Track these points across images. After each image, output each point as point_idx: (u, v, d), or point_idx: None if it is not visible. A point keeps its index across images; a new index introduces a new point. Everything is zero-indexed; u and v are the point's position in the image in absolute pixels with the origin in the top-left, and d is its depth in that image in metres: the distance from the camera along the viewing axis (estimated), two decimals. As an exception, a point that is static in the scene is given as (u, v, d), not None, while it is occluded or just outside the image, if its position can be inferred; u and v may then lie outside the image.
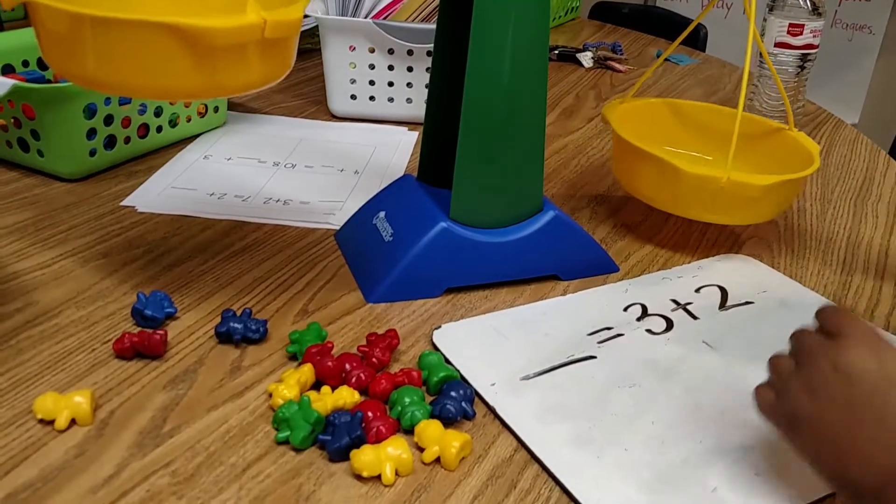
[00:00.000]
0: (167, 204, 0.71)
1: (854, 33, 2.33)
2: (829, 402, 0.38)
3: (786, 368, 0.42)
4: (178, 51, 0.45)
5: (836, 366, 0.38)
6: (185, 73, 0.47)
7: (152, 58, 0.46)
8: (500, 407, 0.48)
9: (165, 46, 0.45)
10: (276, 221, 0.69)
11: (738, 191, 0.62)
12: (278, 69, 0.51)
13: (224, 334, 0.52)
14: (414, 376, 0.48)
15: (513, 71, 0.56)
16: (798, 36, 0.92)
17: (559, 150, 0.91)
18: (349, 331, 0.55)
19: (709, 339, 0.56)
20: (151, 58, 0.46)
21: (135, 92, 0.50)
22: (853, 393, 0.37)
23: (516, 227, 0.62)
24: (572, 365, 0.53)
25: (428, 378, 0.49)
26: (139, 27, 0.45)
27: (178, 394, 0.48)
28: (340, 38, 0.90)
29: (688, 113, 0.79)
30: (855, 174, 0.89)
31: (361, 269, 0.62)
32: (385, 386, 0.47)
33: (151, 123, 0.80)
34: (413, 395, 0.46)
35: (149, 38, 0.45)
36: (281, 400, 0.46)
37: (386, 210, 0.64)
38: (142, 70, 0.47)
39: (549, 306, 0.60)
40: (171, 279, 0.60)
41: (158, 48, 0.45)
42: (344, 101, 0.94)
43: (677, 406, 0.50)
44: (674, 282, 0.64)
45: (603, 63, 1.21)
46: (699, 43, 1.47)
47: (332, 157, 0.84)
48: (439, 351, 0.53)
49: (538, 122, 0.60)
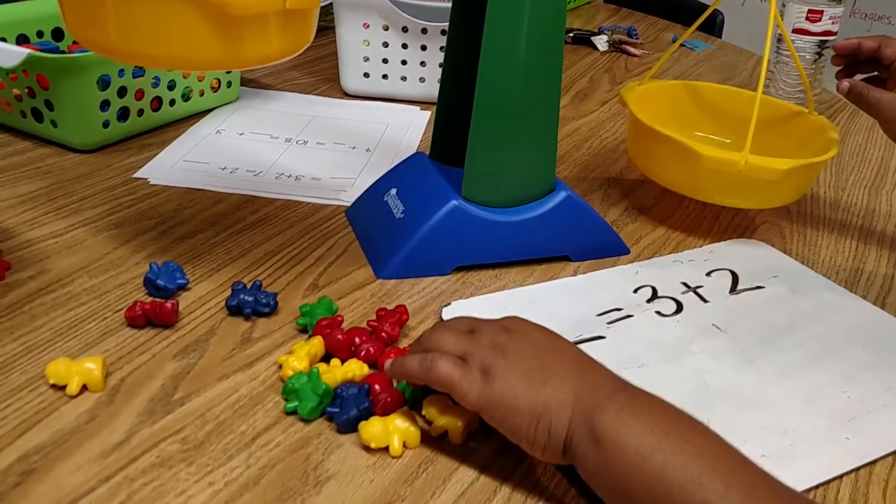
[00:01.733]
0: (179, 177, 0.72)
1: (873, 23, 2.30)
2: (518, 349, 0.42)
3: (451, 340, 0.44)
4: (200, 21, 0.45)
5: (506, 327, 0.44)
6: (206, 44, 0.46)
7: (174, 27, 0.46)
8: (509, 384, 0.48)
9: (187, 16, 0.45)
10: (287, 196, 0.69)
11: (757, 175, 0.61)
12: (298, 41, 0.51)
13: (234, 307, 0.52)
14: None
15: (528, 51, 0.56)
16: (817, 22, 0.91)
17: (572, 132, 0.91)
18: (359, 306, 0.55)
19: (718, 322, 0.56)
20: (173, 27, 0.46)
21: (156, 62, 0.50)
22: (533, 338, 0.44)
23: (528, 207, 0.62)
24: (581, 345, 0.53)
25: (437, 354, 0.49)
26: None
27: (189, 363, 0.49)
28: (355, 15, 0.90)
29: (706, 96, 0.79)
30: (870, 163, 0.89)
31: (372, 246, 0.62)
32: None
33: (164, 97, 0.80)
34: (422, 370, 0.46)
35: (171, 8, 0.45)
36: (291, 371, 0.46)
37: (397, 187, 0.64)
38: (163, 40, 0.47)
39: (560, 286, 0.60)
40: (183, 251, 0.61)
41: (180, 18, 0.45)
42: (357, 78, 0.94)
43: (685, 387, 0.50)
44: (685, 265, 0.64)
45: (618, 47, 1.20)
46: (715, 29, 1.45)
47: (344, 134, 0.84)
48: None
49: (552, 103, 0.59)
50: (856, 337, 0.56)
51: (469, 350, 0.42)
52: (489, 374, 0.41)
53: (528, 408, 0.40)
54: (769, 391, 0.50)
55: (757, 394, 0.50)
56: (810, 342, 0.55)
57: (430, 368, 0.41)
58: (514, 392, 0.40)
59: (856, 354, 0.54)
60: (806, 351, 0.54)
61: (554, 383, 0.40)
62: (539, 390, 0.40)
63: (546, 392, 0.40)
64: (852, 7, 2.30)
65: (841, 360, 0.53)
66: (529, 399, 0.40)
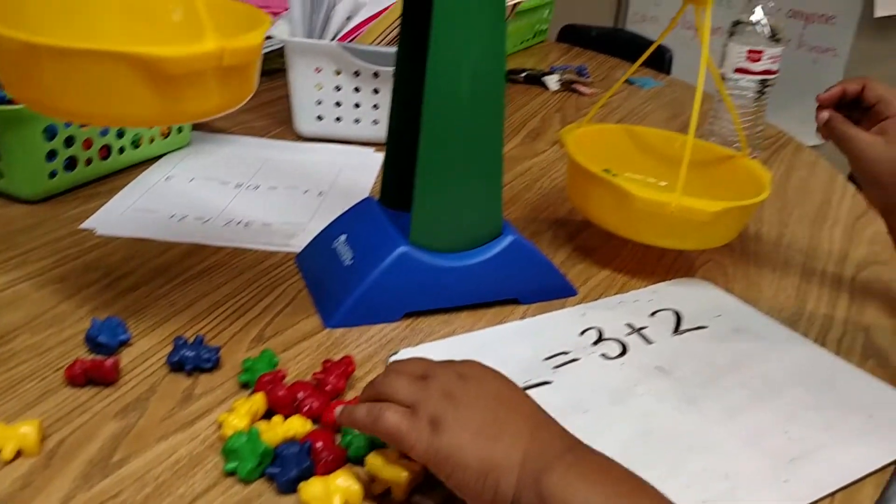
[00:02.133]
0: (127, 226, 0.71)
1: (819, 56, 2.38)
2: (471, 400, 0.42)
3: (405, 388, 0.43)
4: (136, 79, 0.45)
5: (461, 374, 0.43)
6: (142, 101, 0.46)
7: (109, 86, 0.46)
8: (454, 434, 0.48)
9: (122, 75, 0.45)
10: (236, 244, 0.69)
11: (688, 216, 0.63)
12: (239, 95, 0.52)
13: (176, 363, 0.52)
14: None
15: (470, 96, 0.57)
16: (757, 62, 0.94)
17: (523, 172, 0.92)
18: (305, 357, 0.55)
19: (662, 364, 0.57)
20: (108, 86, 0.46)
21: (91, 119, 0.50)
22: (488, 388, 0.43)
23: (476, 252, 0.62)
24: (528, 391, 0.53)
25: (382, 405, 0.49)
26: (96, 56, 0.45)
27: (129, 423, 0.48)
28: (306, 60, 0.91)
29: (644, 138, 0.81)
30: (813, 198, 0.91)
31: (320, 294, 0.62)
32: (338, 414, 0.47)
33: (113, 145, 0.80)
34: (365, 424, 0.46)
35: (106, 67, 0.45)
36: (231, 430, 0.45)
37: (347, 233, 0.65)
38: (99, 98, 0.46)
39: (508, 331, 0.60)
40: (128, 304, 0.60)
41: (115, 77, 0.45)
42: (310, 121, 0.95)
43: (629, 432, 0.50)
44: (629, 306, 0.64)
45: (569, 86, 1.23)
46: (664, 65, 1.49)
47: (296, 177, 0.84)
48: None
49: (496, 148, 0.60)
50: (797, 376, 0.57)
51: (419, 398, 0.42)
52: (438, 425, 0.40)
53: (476, 464, 0.39)
54: (712, 433, 0.51)
55: (700, 436, 0.50)
56: (753, 382, 0.56)
57: (377, 419, 0.41)
58: (462, 446, 0.39)
59: (797, 394, 0.55)
60: (748, 391, 0.55)
61: (505, 440, 0.40)
62: (489, 447, 0.40)
63: (496, 449, 0.39)
64: (799, 40, 2.38)
65: (782, 399, 0.54)
66: (478, 455, 0.39)
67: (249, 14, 0.54)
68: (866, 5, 2.23)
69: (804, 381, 0.56)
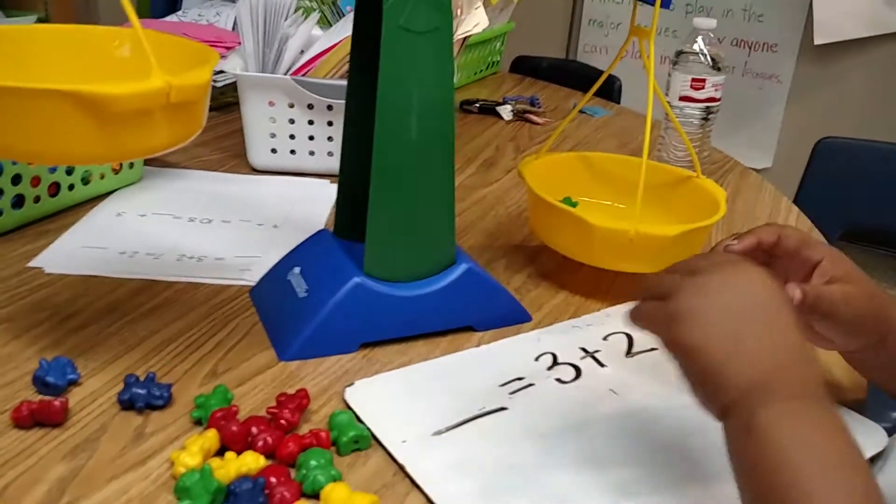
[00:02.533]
0: (76, 264, 0.70)
1: (764, 82, 2.46)
2: (722, 305, 0.42)
3: (673, 278, 0.44)
4: (81, 118, 0.45)
5: (730, 277, 0.43)
6: (88, 140, 0.46)
7: (53, 124, 0.45)
8: (410, 464, 0.48)
9: (66, 113, 0.45)
10: (188, 279, 0.69)
11: (647, 242, 0.65)
12: (187, 131, 0.52)
13: (127, 402, 0.51)
14: (322, 437, 0.48)
15: (420, 130, 0.58)
16: (700, 90, 0.97)
17: (479, 200, 0.93)
18: (260, 391, 0.55)
19: (615, 387, 0.58)
20: (52, 124, 0.45)
21: (35, 158, 0.50)
22: (746, 302, 0.42)
23: (430, 281, 0.63)
24: (483, 417, 0.54)
25: (338, 438, 0.49)
26: (39, 95, 0.45)
27: (78, 464, 0.47)
28: (259, 94, 0.91)
29: (599, 165, 0.83)
30: (759, 220, 0.94)
31: (275, 327, 0.62)
32: (292, 449, 0.47)
33: (63, 182, 0.79)
34: (320, 458, 0.46)
35: (49, 106, 0.45)
36: (183, 468, 0.45)
37: (301, 265, 0.65)
38: (42, 136, 0.46)
39: (463, 358, 0.61)
40: (77, 343, 0.59)
41: (59, 115, 0.45)
42: (264, 154, 0.95)
43: (582, 456, 0.51)
44: (583, 330, 0.65)
45: (522, 116, 1.25)
46: (614, 95, 1.53)
47: (250, 210, 0.84)
48: (351, 409, 0.53)
49: (447, 179, 0.61)
50: None
51: (675, 290, 0.43)
52: (684, 319, 0.42)
53: (702, 368, 0.41)
54: (664, 455, 0.51)
55: (650, 460, 0.51)
56: None
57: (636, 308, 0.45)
58: (699, 348, 0.41)
59: None
60: (698, 411, 0.56)
61: (741, 360, 0.40)
62: (722, 358, 0.41)
63: (728, 363, 0.41)
64: (744, 67, 2.46)
65: None
66: (709, 361, 0.41)
67: (198, 51, 0.54)
68: (806, 34, 2.32)
69: None
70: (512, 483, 0.48)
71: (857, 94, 2.34)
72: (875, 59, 2.29)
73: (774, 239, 0.52)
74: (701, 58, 0.97)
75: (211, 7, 1.42)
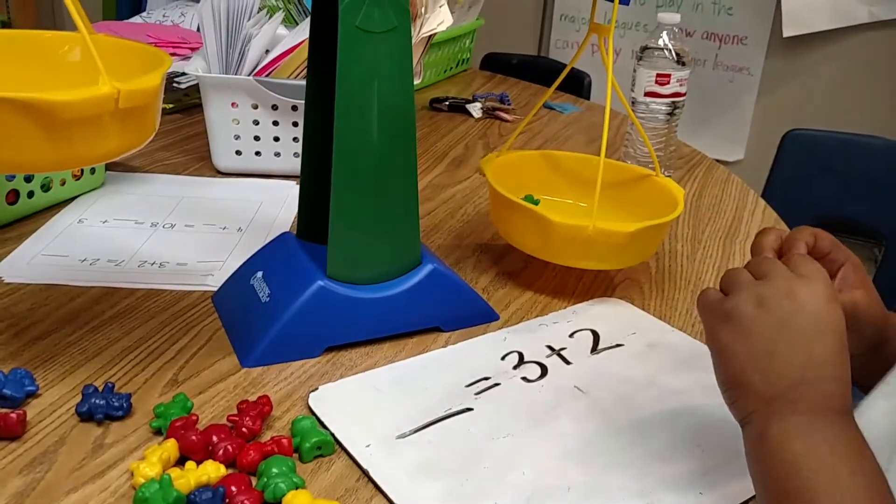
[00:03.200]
0: (36, 273, 0.69)
1: (735, 75, 2.48)
2: (773, 314, 0.43)
3: (745, 278, 0.46)
4: (28, 125, 0.44)
5: (790, 292, 0.43)
6: (37, 147, 0.45)
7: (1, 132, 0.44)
8: (374, 469, 0.48)
9: (14, 121, 0.44)
10: (149, 285, 0.68)
11: (605, 238, 0.65)
12: (139, 136, 0.51)
13: (86, 413, 0.50)
14: (284, 444, 0.48)
15: (380, 129, 0.58)
16: (666, 85, 0.97)
17: (447, 199, 0.93)
18: (222, 399, 0.54)
19: (580, 384, 0.58)
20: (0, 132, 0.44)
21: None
22: (796, 318, 0.43)
23: (395, 282, 0.62)
24: (449, 419, 0.53)
25: (300, 445, 0.49)
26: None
27: (36, 477, 0.46)
28: (222, 96, 0.90)
29: (561, 163, 0.83)
30: (725, 214, 0.94)
31: (237, 333, 0.61)
32: (253, 457, 0.46)
33: (22, 189, 0.78)
34: (282, 466, 0.45)
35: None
36: (142, 478, 0.44)
37: (263, 269, 0.64)
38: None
39: (429, 360, 0.61)
40: (35, 354, 0.58)
41: (6, 123, 0.44)
42: (229, 156, 0.94)
43: (548, 454, 0.51)
44: (550, 328, 0.65)
45: (491, 113, 1.25)
46: (583, 91, 1.53)
47: (214, 214, 0.83)
48: (315, 415, 0.53)
49: (410, 179, 0.61)
50: (708, 389, 0.58)
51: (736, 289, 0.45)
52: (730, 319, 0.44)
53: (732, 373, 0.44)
54: (628, 452, 0.51)
55: (616, 455, 0.51)
56: (666, 397, 0.57)
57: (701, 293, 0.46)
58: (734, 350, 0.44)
59: (708, 406, 0.56)
60: (662, 406, 0.56)
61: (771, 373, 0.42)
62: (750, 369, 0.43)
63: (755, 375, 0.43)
64: (715, 60, 2.48)
65: (695, 413, 0.56)
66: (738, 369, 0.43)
67: (151, 55, 0.53)
68: (775, 26, 2.34)
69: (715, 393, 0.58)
70: (477, 485, 0.47)
71: (826, 86, 2.36)
72: (843, 50, 2.32)
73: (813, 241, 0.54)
74: (666, 53, 0.97)
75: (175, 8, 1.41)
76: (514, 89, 1.43)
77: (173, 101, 1.14)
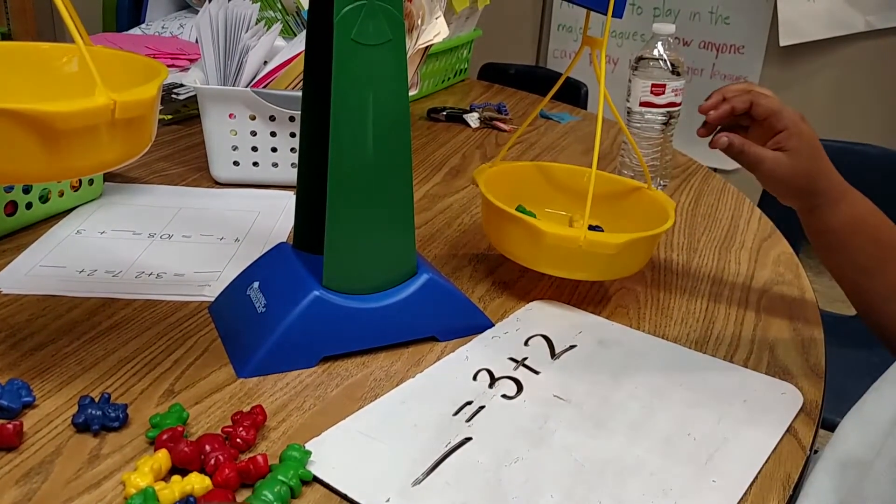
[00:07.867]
0: (34, 284, 0.69)
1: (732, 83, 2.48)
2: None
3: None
4: (25, 136, 0.45)
5: None
6: (33, 158, 0.46)
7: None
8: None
9: (10, 132, 0.44)
10: (147, 296, 0.68)
11: (595, 249, 0.65)
12: (135, 147, 0.51)
13: (82, 424, 0.50)
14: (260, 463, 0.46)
15: (376, 140, 0.58)
16: (661, 95, 0.98)
17: (445, 209, 0.93)
18: (217, 409, 0.54)
19: (558, 392, 0.58)
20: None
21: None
22: None
23: (390, 292, 0.62)
24: (453, 454, 0.51)
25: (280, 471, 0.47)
26: (-20, 113, 0.44)
27: (32, 488, 0.46)
28: (219, 107, 0.91)
29: (554, 174, 0.83)
30: (721, 223, 0.95)
31: (233, 343, 0.62)
32: (228, 475, 0.46)
33: (20, 200, 0.78)
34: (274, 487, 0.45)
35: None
36: (133, 489, 0.44)
37: (260, 280, 0.64)
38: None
39: (405, 393, 0.57)
40: (33, 364, 0.58)
41: (3, 134, 0.44)
42: (226, 167, 0.94)
43: (565, 472, 0.50)
44: (503, 339, 0.65)
45: (489, 123, 1.25)
46: (580, 100, 1.54)
47: (211, 225, 0.83)
48: (321, 481, 0.49)
49: (405, 190, 0.61)
50: (672, 377, 0.61)
51: None
52: None
53: None
54: (630, 453, 0.52)
55: (623, 459, 0.51)
56: (639, 392, 0.59)
57: None
58: None
59: (679, 394, 0.58)
60: (640, 402, 0.58)
61: None
62: None
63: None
64: (712, 69, 2.49)
65: (671, 403, 0.57)
66: None
67: (147, 66, 0.54)
68: (772, 35, 2.35)
69: (681, 381, 0.60)
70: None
71: (822, 94, 2.37)
72: (839, 59, 2.33)
73: (747, 107, 0.65)
74: (661, 63, 0.98)
75: (174, 19, 1.41)
76: (512, 99, 1.43)
77: (171, 112, 1.15)
